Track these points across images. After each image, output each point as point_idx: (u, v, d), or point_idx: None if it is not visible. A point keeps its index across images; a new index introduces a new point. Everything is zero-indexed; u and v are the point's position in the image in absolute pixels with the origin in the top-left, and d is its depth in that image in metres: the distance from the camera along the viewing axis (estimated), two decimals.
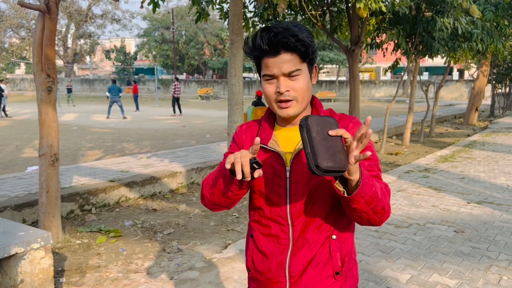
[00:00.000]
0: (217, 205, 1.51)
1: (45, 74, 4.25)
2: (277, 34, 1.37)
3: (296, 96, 1.42)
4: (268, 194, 1.51)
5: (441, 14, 8.32)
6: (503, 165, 8.54)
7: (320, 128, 1.21)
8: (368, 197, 1.31)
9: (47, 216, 4.41)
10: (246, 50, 1.47)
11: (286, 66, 1.39)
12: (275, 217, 1.50)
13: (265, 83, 1.46)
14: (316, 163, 1.17)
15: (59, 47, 44.11)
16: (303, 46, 1.39)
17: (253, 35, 1.43)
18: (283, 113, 1.45)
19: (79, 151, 10.47)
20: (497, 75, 19.49)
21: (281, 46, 1.38)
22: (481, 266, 3.93)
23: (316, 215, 1.49)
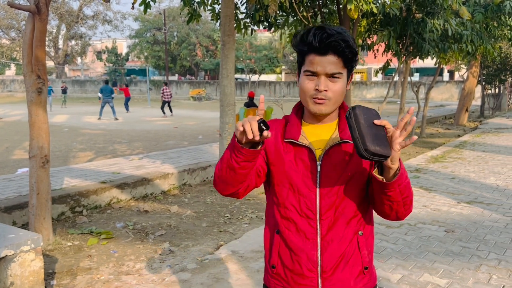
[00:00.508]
0: (225, 183, 1.50)
1: (35, 75, 4.23)
2: (330, 36, 1.43)
3: (331, 97, 1.48)
4: (299, 187, 1.54)
5: (431, 16, 8.38)
6: (493, 165, 8.62)
7: (366, 117, 1.32)
8: (403, 186, 1.41)
9: (37, 218, 4.38)
10: (295, 43, 1.51)
11: (330, 67, 1.45)
12: (305, 210, 1.53)
13: (305, 78, 1.50)
14: (365, 147, 1.26)
15: (49, 48, 43.81)
16: (351, 53, 1.46)
17: (307, 31, 1.48)
18: (315, 108, 1.50)
19: (70, 152, 10.41)
20: (487, 76, 19.66)
21: (330, 48, 1.43)
22: (471, 265, 3.97)
23: (345, 210, 1.54)
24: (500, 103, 23.28)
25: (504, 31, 9.81)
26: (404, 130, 1.33)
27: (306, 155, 1.54)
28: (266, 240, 1.67)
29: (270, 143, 1.58)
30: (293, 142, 1.55)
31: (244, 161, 1.41)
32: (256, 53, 42.87)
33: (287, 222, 1.57)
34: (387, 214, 1.52)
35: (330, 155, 1.53)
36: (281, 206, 1.58)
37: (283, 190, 1.57)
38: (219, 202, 6.18)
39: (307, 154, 1.54)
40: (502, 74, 19.30)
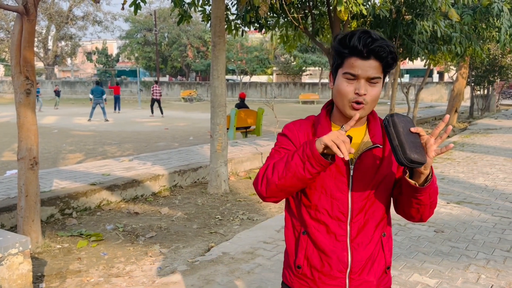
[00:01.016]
0: (283, 191, 1.50)
1: (24, 77, 4.19)
2: (374, 41, 1.44)
3: (369, 102, 1.49)
4: (332, 190, 1.56)
5: (421, 18, 8.44)
6: (482, 165, 8.70)
7: (404, 125, 1.36)
8: (433, 190, 1.47)
9: (26, 221, 4.34)
10: (337, 45, 1.51)
11: (372, 71, 1.46)
12: (336, 213, 1.56)
13: (343, 80, 1.50)
14: (405, 155, 1.31)
15: (39, 49, 43.48)
16: (392, 59, 1.48)
17: (351, 34, 1.47)
18: (353, 113, 1.49)
19: (59, 154, 10.33)
20: (476, 77, 19.86)
21: (373, 52, 1.45)
22: (460, 265, 4.00)
23: (374, 213, 1.59)
24: (489, 104, 23.52)
25: (492, 33, 9.91)
26: (439, 138, 1.38)
27: (339, 158, 1.53)
28: (290, 241, 1.67)
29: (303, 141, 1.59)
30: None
31: (319, 171, 1.43)
32: (247, 54, 42.93)
33: (317, 224, 1.58)
34: (412, 216, 1.58)
35: (362, 159, 1.56)
36: (312, 208, 1.59)
37: (315, 193, 1.57)
38: (210, 204, 6.17)
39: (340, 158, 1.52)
40: (491, 75, 19.50)
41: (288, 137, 1.63)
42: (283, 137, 1.65)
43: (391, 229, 1.70)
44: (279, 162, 1.49)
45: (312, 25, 8.89)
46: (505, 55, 18.35)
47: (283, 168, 1.46)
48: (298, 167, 1.42)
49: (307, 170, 1.41)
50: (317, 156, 1.39)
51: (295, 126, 1.65)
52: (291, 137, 1.63)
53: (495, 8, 7.61)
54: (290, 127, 1.65)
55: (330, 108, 1.66)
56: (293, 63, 43.15)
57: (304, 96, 34.42)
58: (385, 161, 1.58)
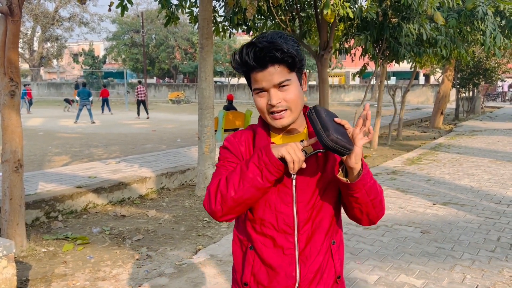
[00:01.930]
0: (240, 205, 1.42)
1: (8, 78, 4.14)
2: (262, 49, 1.39)
3: (288, 106, 1.44)
4: (275, 204, 1.50)
5: (407, 21, 8.53)
6: (467, 167, 8.81)
7: (327, 114, 1.36)
8: (368, 187, 1.40)
9: (10, 224, 4.28)
10: (234, 65, 1.48)
11: (276, 78, 1.41)
12: (282, 226, 1.50)
13: (256, 96, 1.47)
14: (328, 136, 1.28)
15: (24, 50, 42.97)
16: (290, 57, 1.41)
17: (239, 51, 1.44)
18: (277, 124, 1.46)
19: (45, 156, 10.21)
20: (461, 80, 20.10)
21: (267, 61, 1.39)
22: (446, 265, 4.04)
23: (322, 221, 1.53)
24: (474, 106, 23.82)
25: (477, 36, 10.04)
26: (363, 126, 1.35)
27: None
28: (237, 256, 1.61)
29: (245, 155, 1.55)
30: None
31: (276, 178, 1.40)
32: None
33: (264, 238, 1.52)
34: (359, 218, 1.51)
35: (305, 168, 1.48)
36: (257, 223, 1.53)
37: (259, 207, 1.51)
38: (198, 206, 6.15)
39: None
40: (476, 78, 19.75)
41: (230, 150, 1.57)
42: (225, 150, 1.59)
43: (341, 234, 1.63)
44: (232, 175, 1.42)
45: (299, 28, 8.94)
46: (489, 58, 18.61)
47: (238, 180, 1.40)
48: (256, 176, 1.37)
49: (265, 178, 1.37)
50: (275, 162, 1.35)
51: (235, 138, 1.59)
52: (233, 150, 1.57)
53: (479, 12, 7.72)
54: (230, 139, 1.59)
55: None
56: None
57: None
58: (328, 166, 1.52)
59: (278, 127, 1.48)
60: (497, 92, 39.43)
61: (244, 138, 1.58)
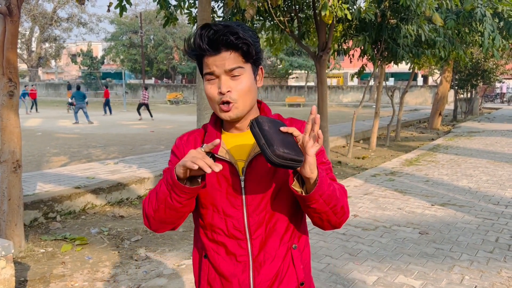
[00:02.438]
0: (164, 223, 1.37)
1: (7, 79, 4.13)
2: (216, 32, 1.30)
3: (237, 99, 1.34)
4: (223, 207, 1.39)
5: (405, 22, 8.55)
6: (465, 168, 8.82)
7: (271, 125, 1.22)
8: (326, 195, 1.28)
9: (8, 225, 4.27)
10: (186, 50, 1.38)
11: (227, 63, 1.32)
12: (232, 232, 1.39)
13: (206, 83, 1.36)
14: (273, 152, 1.14)
15: (22, 51, 42.91)
16: (245, 45, 1.32)
17: (193, 34, 1.35)
18: (224, 116, 1.36)
19: (43, 157, 10.19)
20: (459, 81, 20.14)
21: (221, 44, 1.30)
22: (444, 266, 4.05)
23: (276, 225, 1.41)
24: (472, 108, 23.86)
25: (475, 37, 10.06)
26: (312, 131, 1.21)
27: (227, 170, 1.38)
28: (194, 265, 1.54)
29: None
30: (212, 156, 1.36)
31: (187, 199, 1.29)
32: None
33: (216, 245, 1.42)
34: (320, 225, 1.40)
35: (254, 167, 1.38)
36: (208, 229, 1.43)
37: (207, 212, 1.42)
38: None
39: (228, 168, 1.39)
40: (474, 79, 19.79)
41: (175, 153, 1.47)
42: (172, 154, 1.48)
43: (306, 239, 1.50)
44: (154, 192, 1.34)
45: (298, 28, 8.94)
46: (487, 59, 18.66)
47: (155, 199, 1.33)
48: (167, 197, 1.28)
49: (174, 199, 1.28)
50: (177, 184, 1.24)
51: (181, 140, 1.49)
52: (177, 153, 1.46)
53: (478, 13, 7.74)
54: (177, 142, 1.49)
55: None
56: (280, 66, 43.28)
57: (290, 99, 34.51)
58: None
59: (226, 120, 1.38)
60: (495, 93, 39.53)
61: (192, 138, 1.48)
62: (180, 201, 1.28)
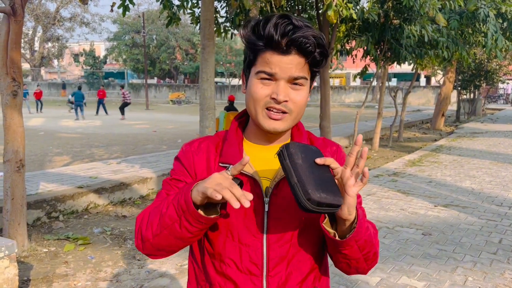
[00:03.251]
0: (162, 250, 1.14)
1: (10, 78, 4.14)
2: (296, 29, 1.06)
3: (292, 111, 1.12)
4: (240, 234, 1.15)
5: (409, 22, 8.53)
6: (468, 169, 8.80)
7: (305, 156, 1.02)
8: (363, 241, 1.10)
9: (12, 224, 4.27)
10: (248, 36, 1.11)
11: (295, 70, 1.09)
12: (247, 265, 1.15)
13: (257, 81, 1.11)
14: (307, 195, 0.95)
15: (25, 50, 43.00)
16: (321, 55, 1.11)
17: (264, 20, 1.09)
18: (270, 125, 1.12)
19: (46, 157, 10.21)
20: (462, 82, 20.10)
21: (296, 45, 1.07)
22: (447, 267, 4.03)
23: (300, 263, 1.17)
24: (475, 108, 23.82)
25: (479, 38, 10.03)
26: (356, 167, 1.02)
27: (249, 188, 1.14)
28: None
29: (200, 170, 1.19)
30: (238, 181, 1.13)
31: (201, 230, 1.06)
32: (236, 57, 42.97)
33: (224, 280, 1.17)
34: (346, 271, 1.20)
35: (281, 189, 1.15)
36: (216, 259, 1.18)
37: (218, 237, 1.16)
38: None
39: (250, 187, 1.15)
40: (477, 79, 19.76)
41: (181, 162, 1.22)
42: (177, 162, 1.24)
43: (328, 281, 1.28)
44: (155, 212, 1.12)
45: None
46: (491, 60, 18.62)
47: (157, 222, 1.09)
48: (174, 223, 1.05)
49: (184, 228, 1.04)
50: (192, 211, 1.01)
51: (191, 147, 1.23)
52: (184, 162, 1.22)
53: (481, 14, 7.71)
54: (185, 148, 1.24)
55: (244, 119, 1.25)
56: None
57: None
58: None
59: (268, 130, 1.13)
60: (498, 94, 39.45)
61: (204, 146, 1.22)
62: (192, 231, 1.05)
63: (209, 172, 1.16)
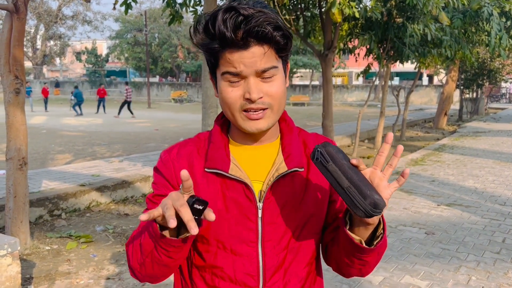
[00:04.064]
0: (155, 277, 1.05)
1: (13, 76, 4.13)
2: (248, 19, 0.95)
3: (271, 104, 1.02)
4: (232, 243, 1.07)
5: (412, 21, 8.51)
6: (471, 168, 8.77)
7: (342, 156, 0.93)
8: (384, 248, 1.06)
9: (14, 222, 4.27)
10: (198, 39, 1.02)
11: (260, 62, 0.99)
12: (241, 277, 1.07)
13: (225, 84, 1.02)
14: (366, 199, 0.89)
15: (27, 48, 43.06)
16: (284, 37, 1.00)
17: (210, 17, 0.98)
18: (252, 127, 1.03)
19: (48, 154, 10.22)
20: (465, 81, 20.05)
21: (253, 36, 0.97)
22: (451, 267, 4.02)
23: (297, 269, 1.11)
24: (477, 107, 23.76)
25: (482, 37, 10.01)
26: (389, 167, 0.96)
27: (241, 193, 1.06)
28: None
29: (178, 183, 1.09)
30: (220, 173, 1.06)
31: (178, 252, 0.97)
32: None
33: None
34: (349, 274, 1.14)
35: (275, 191, 1.07)
36: (207, 272, 1.09)
37: (208, 248, 1.08)
38: None
39: (242, 191, 1.06)
40: (480, 78, 19.70)
41: (162, 174, 1.11)
42: (157, 174, 1.13)
43: (322, 282, 1.21)
44: (137, 238, 1.03)
45: (303, 27, 8.91)
46: (494, 59, 18.57)
47: (139, 250, 1.01)
48: (153, 250, 0.97)
49: (162, 254, 0.96)
50: (159, 237, 0.93)
51: (170, 155, 1.12)
52: (166, 174, 1.10)
53: (484, 12, 7.69)
54: (165, 157, 1.12)
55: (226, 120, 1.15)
56: None
57: (295, 98, 34.48)
58: (310, 191, 1.10)
59: (251, 132, 1.04)
60: (501, 93, 39.36)
61: (185, 152, 1.12)
62: (171, 255, 0.97)
63: (194, 178, 1.06)
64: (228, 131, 1.14)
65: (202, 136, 1.15)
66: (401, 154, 0.98)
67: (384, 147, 0.96)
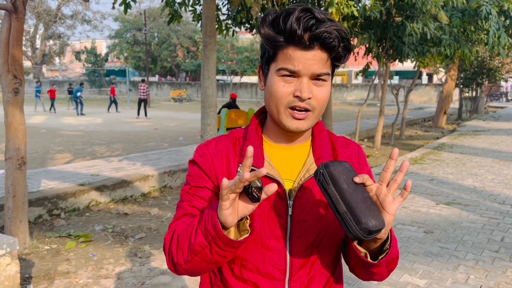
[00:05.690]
0: (197, 272, 1.11)
1: (12, 75, 4.13)
2: (319, 22, 1.01)
3: (315, 108, 1.08)
4: (262, 238, 1.11)
5: (411, 20, 8.50)
6: (470, 167, 8.78)
7: (346, 177, 0.95)
8: (391, 259, 1.07)
9: (13, 221, 4.28)
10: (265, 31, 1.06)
11: (318, 66, 1.04)
12: (269, 270, 1.12)
13: (279, 79, 1.07)
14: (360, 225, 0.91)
15: (26, 48, 43.01)
16: (345, 50, 1.07)
17: (285, 13, 1.03)
18: (293, 125, 1.08)
19: (47, 154, 10.22)
20: (464, 80, 20.06)
21: (319, 40, 1.02)
22: (449, 265, 4.03)
23: (322, 267, 1.16)
24: (477, 106, 23.77)
25: (481, 36, 10.01)
26: (394, 182, 0.98)
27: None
28: None
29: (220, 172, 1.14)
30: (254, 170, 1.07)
31: (234, 252, 1.02)
32: (237, 54, 42.91)
33: (244, 285, 1.14)
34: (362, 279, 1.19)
35: (305, 191, 1.12)
36: (236, 263, 1.14)
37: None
38: None
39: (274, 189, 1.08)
40: (479, 77, 19.71)
41: (200, 166, 1.16)
42: (194, 166, 1.18)
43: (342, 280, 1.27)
44: (183, 235, 1.06)
45: None
46: (493, 58, 18.58)
47: (187, 248, 1.04)
48: (205, 250, 1.01)
49: (215, 253, 1.01)
50: (222, 237, 0.97)
51: (208, 149, 1.17)
52: (204, 167, 1.15)
53: (483, 11, 7.68)
54: (202, 151, 1.17)
55: (263, 117, 1.21)
56: None
57: None
58: None
59: (291, 130, 1.09)
60: (500, 92, 39.38)
61: (221, 147, 1.17)
62: (224, 255, 1.01)
63: (229, 174, 1.13)
64: (262, 130, 1.19)
65: (237, 134, 1.20)
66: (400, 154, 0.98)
67: (390, 163, 0.98)
